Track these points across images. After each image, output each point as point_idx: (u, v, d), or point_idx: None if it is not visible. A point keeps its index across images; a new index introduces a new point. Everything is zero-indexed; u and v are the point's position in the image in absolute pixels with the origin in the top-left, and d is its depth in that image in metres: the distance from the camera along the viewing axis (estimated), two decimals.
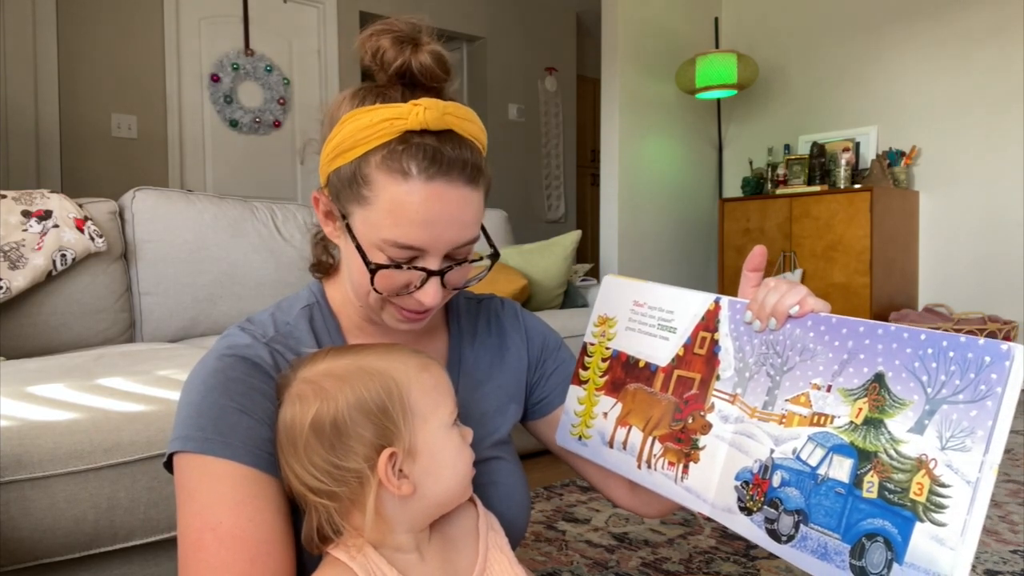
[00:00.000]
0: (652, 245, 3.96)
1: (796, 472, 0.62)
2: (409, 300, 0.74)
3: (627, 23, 3.79)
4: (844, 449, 0.59)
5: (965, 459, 0.52)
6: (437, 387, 0.69)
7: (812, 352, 0.65)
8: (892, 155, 3.54)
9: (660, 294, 0.79)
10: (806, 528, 0.60)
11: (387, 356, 0.69)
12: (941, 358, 0.56)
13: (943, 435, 0.54)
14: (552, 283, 2.66)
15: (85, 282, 1.88)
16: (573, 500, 1.82)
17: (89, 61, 3.54)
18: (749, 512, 0.64)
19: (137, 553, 1.15)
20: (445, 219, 0.69)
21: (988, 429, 0.52)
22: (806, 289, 0.68)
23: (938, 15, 3.48)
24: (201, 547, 0.65)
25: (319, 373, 0.67)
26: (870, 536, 0.56)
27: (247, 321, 0.79)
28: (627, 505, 0.91)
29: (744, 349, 0.70)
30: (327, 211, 0.76)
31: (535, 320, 0.96)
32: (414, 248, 0.69)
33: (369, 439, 0.64)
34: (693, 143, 4.18)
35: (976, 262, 3.41)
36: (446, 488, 0.68)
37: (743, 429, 0.67)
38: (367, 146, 0.69)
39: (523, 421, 0.94)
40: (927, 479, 0.54)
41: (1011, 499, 1.81)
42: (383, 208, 0.68)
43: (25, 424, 1.06)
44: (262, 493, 0.67)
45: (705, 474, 0.69)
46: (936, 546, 0.52)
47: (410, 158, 0.68)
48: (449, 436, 0.68)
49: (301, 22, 4.20)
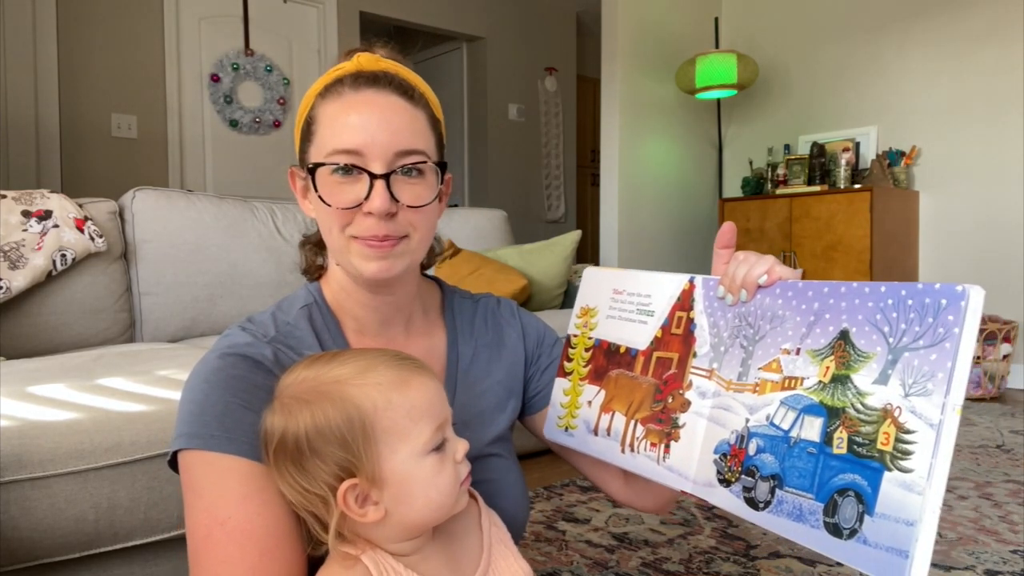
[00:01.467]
0: (652, 245, 3.96)
1: (770, 438, 0.62)
2: (365, 223, 0.73)
3: (627, 23, 3.79)
4: (814, 409, 0.60)
5: (927, 403, 0.52)
6: (412, 410, 0.64)
7: (781, 319, 0.65)
8: (892, 155, 3.54)
9: (638, 280, 0.80)
10: (781, 492, 0.60)
11: (361, 376, 0.65)
12: (901, 307, 0.56)
13: (905, 382, 0.54)
14: (552, 283, 2.66)
15: (85, 282, 1.88)
16: (573, 500, 1.82)
17: (89, 61, 3.54)
18: (728, 484, 0.64)
19: (137, 553, 1.15)
20: (376, 121, 0.73)
21: (948, 371, 0.52)
22: (773, 259, 0.69)
23: (938, 15, 3.48)
24: (211, 543, 0.66)
25: (289, 390, 0.66)
26: (841, 492, 0.56)
27: (248, 321, 0.79)
28: (622, 498, 0.91)
29: (718, 324, 0.71)
30: (302, 186, 0.80)
31: (532, 318, 0.96)
32: (351, 151, 0.73)
33: (330, 467, 0.63)
34: (693, 143, 4.18)
35: (976, 262, 3.40)
36: (420, 514, 0.65)
37: (720, 403, 0.68)
38: (313, 96, 0.77)
39: (519, 417, 0.94)
40: (892, 428, 0.54)
41: (1011, 499, 1.81)
42: (324, 128, 0.75)
43: (25, 424, 1.06)
44: (269, 487, 0.67)
45: (686, 452, 0.69)
46: (904, 493, 0.52)
47: (341, 84, 0.75)
48: (420, 465, 0.64)
49: (301, 22, 4.20)
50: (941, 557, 1.45)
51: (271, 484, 0.67)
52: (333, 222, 0.74)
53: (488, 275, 2.45)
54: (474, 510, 0.75)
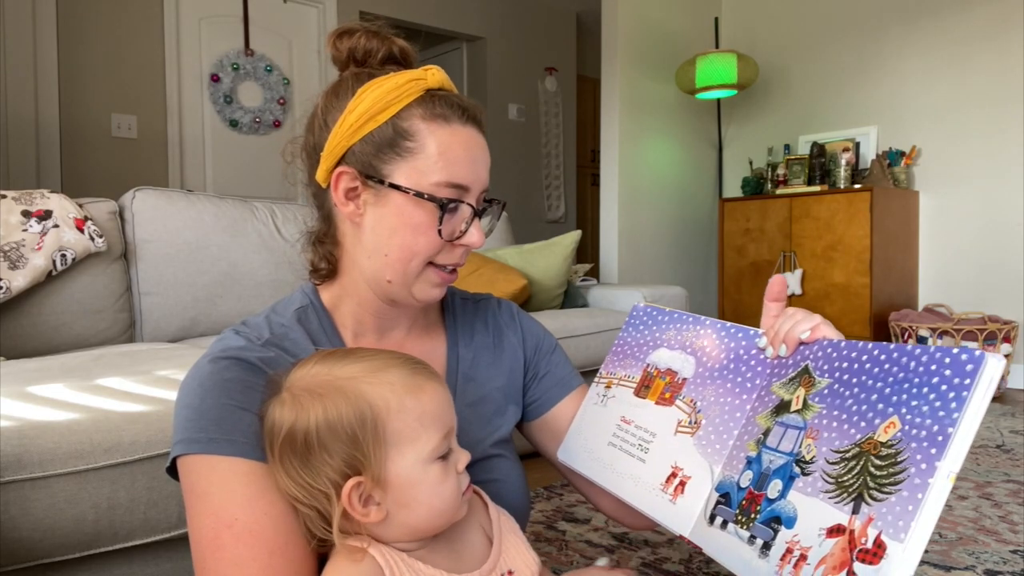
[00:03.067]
0: (652, 245, 3.96)
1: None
2: (454, 252, 0.77)
3: (627, 23, 3.79)
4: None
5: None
6: (423, 415, 0.64)
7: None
8: (892, 155, 3.54)
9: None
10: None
11: (376, 375, 0.65)
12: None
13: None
14: (552, 283, 2.65)
15: (85, 282, 1.88)
16: (573, 500, 1.82)
17: (89, 61, 3.54)
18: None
19: (137, 553, 1.15)
20: (480, 160, 0.77)
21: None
22: (821, 318, 0.69)
23: (938, 15, 3.48)
24: (219, 546, 0.65)
25: (301, 382, 0.66)
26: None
27: (242, 324, 0.79)
28: (612, 515, 0.92)
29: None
30: (350, 188, 0.77)
31: (531, 321, 0.96)
32: (462, 186, 0.75)
33: (337, 463, 0.63)
34: (693, 143, 4.18)
35: (976, 262, 3.40)
36: (422, 520, 0.65)
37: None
38: (400, 104, 0.74)
39: (517, 424, 0.94)
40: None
41: (1011, 499, 1.81)
42: (432, 153, 0.74)
43: (25, 424, 1.06)
44: (273, 485, 0.67)
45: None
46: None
47: (446, 107, 0.75)
48: (426, 471, 0.64)
49: (301, 22, 4.20)
50: (941, 557, 1.45)
51: (275, 483, 0.67)
52: (423, 250, 0.75)
53: (488, 275, 2.45)
54: (478, 504, 0.75)
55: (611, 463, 0.78)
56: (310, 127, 0.81)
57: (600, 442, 0.81)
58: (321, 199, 0.82)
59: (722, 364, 0.74)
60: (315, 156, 0.79)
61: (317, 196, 0.83)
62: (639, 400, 0.80)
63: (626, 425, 0.79)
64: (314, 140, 0.79)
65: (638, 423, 0.78)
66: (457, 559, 0.69)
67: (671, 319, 0.82)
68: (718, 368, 0.74)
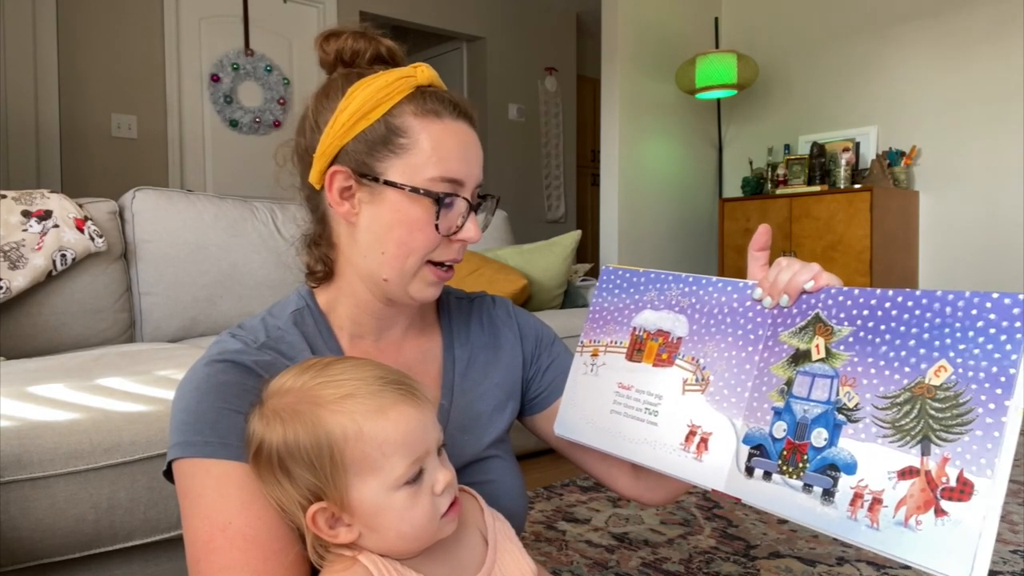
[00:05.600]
0: (652, 245, 3.96)
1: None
2: (451, 248, 0.77)
3: (627, 23, 3.79)
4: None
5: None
6: (385, 443, 0.61)
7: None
8: (892, 155, 3.54)
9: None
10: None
11: (339, 402, 0.62)
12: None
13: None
14: (552, 283, 2.65)
15: (85, 282, 1.88)
16: (573, 500, 1.82)
17: (89, 61, 3.54)
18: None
19: (137, 553, 1.15)
20: (473, 154, 0.77)
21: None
22: (818, 266, 0.68)
23: (938, 15, 3.48)
24: (212, 550, 0.65)
25: (272, 400, 0.65)
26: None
27: (238, 327, 0.78)
28: (631, 492, 0.90)
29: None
30: (344, 187, 0.76)
31: (527, 316, 0.96)
32: (456, 181, 0.75)
33: (300, 487, 0.62)
34: (693, 143, 4.18)
35: (976, 262, 3.40)
36: (392, 545, 0.63)
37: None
38: (391, 101, 0.74)
39: (520, 417, 0.94)
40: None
41: (1011, 499, 1.81)
42: (426, 148, 0.73)
43: (25, 424, 1.06)
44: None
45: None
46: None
47: (436, 102, 0.75)
48: (391, 498, 0.61)
49: (301, 22, 4.20)
50: None
51: None
52: (420, 247, 0.75)
53: (488, 275, 2.45)
54: (475, 507, 0.75)
55: (619, 431, 0.78)
56: (301, 130, 0.81)
57: (601, 411, 0.80)
58: (315, 201, 0.82)
59: (717, 319, 0.74)
60: (307, 158, 0.79)
61: (311, 199, 0.82)
62: (634, 364, 0.79)
63: (625, 391, 0.79)
64: (306, 143, 0.79)
65: (639, 387, 0.78)
66: (455, 564, 0.68)
67: (648, 279, 0.82)
68: (714, 323, 0.74)
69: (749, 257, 0.76)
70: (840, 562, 1.42)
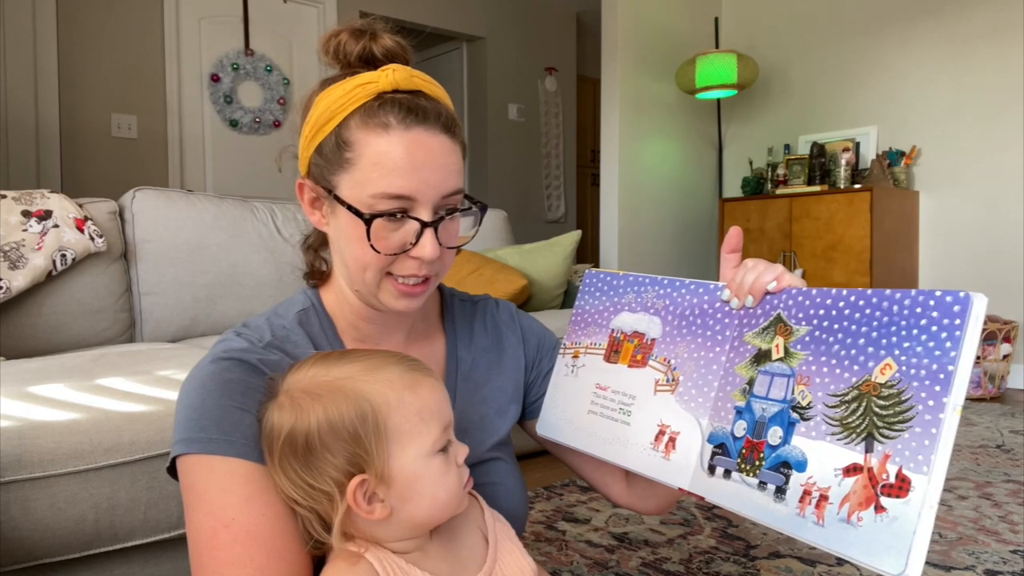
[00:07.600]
0: (652, 245, 3.96)
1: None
2: (407, 264, 0.73)
3: (627, 23, 3.79)
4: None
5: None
6: (423, 410, 0.65)
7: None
8: (892, 155, 3.54)
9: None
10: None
11: (373, 373, 0.66)
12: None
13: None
14: (552, 283, 2.66)
15: (85, 282, 1.88)
16: (573, 500, 1.82)
17: (89, 61, 3.54)
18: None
19: (137, 553, 1.15)
20: (429, 165, 0.70)
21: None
22: (782, 267, 0.70)
23: (938, 15, 3.48)
24: (215, 546, 0.65)
25: (299, 385, 0.66)
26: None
27: (243, 326, 0.79)
28: (624, 501, 0.91)
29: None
30: (312, 198, 0.77)
31: (531, 320, 0.96)
32: (403, 197, 0.70)
33: (340, 463, 0.63)
34: (693, 143, 4.18)
35: (976, 262, 3.40)
36: (426, 513, 0.66)
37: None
38: (344, 112, 0.71)
39: (520, 421, 0.94)
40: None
41: (1011, 499, 1.81)
42: (368, 164, 0.70)
43: (25, 424, 1.06)
44: (271, 487, 0.67)
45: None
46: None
47: (387, 112, 0.70)
48: (428, 464, 0.65)
49: (301, 22, 4.20)
50: (941, 557, 1.45)
51: (273, 485, 0.67)
52: (372, 262, 0.73)
53: (488, 275, 2.45)
54: (475, 507, 0.75)
55: (595, 430, 0.79)
56: (295, 133, 0.82)
57: (579, 411, 0.82)
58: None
59: (688, 320, 0.75)
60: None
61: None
62: (610, 366, 0.81)
63: (602, 392, 0.80)
64: (295, 148, 0.80)
65: (615, 388, 0.79)
66: (456, 563, 0.69)
67: (627, 282, 0.83)
68: (685, 325, 0.76)
69: (721, 259, 0.77)
70: (840, 562, 1.42)
